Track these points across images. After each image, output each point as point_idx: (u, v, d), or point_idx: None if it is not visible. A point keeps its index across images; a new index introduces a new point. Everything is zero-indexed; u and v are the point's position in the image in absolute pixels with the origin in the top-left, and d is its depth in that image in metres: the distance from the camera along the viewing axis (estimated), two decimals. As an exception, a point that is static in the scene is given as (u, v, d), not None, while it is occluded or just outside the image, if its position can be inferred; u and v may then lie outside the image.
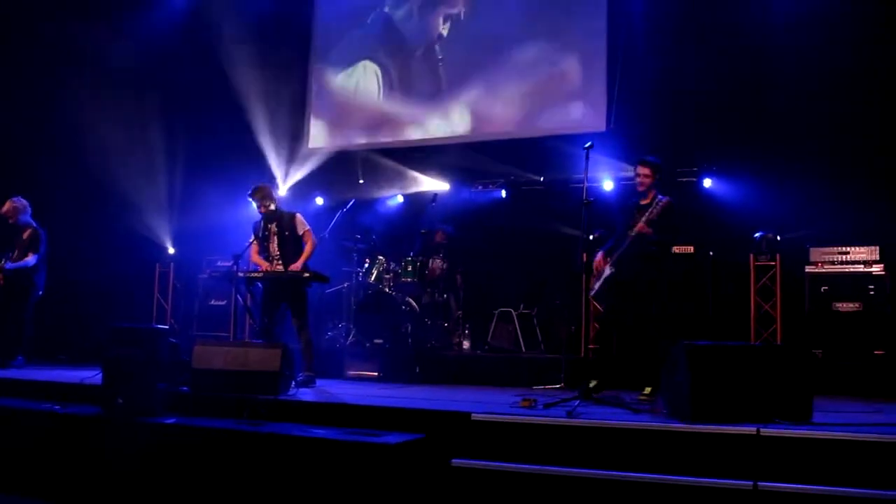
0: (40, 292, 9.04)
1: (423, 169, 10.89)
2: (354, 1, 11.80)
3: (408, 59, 11.32)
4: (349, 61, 11.70)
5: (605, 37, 10.01)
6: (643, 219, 6.55)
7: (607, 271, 6.76)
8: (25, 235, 8.95)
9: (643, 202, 6.81)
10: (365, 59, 11.59)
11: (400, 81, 11.34)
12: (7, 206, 9.01)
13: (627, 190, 9.32)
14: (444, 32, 11.09)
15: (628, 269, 6.65)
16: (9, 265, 8.81)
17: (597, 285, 6.87)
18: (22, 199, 9.08)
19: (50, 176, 11.21)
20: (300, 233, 7.71)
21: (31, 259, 8.85)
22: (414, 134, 11.19)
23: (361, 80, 11.59)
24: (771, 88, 8.89)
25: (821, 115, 8.64)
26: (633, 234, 6.56)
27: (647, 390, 6.44)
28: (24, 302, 8.90)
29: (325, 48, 11.95)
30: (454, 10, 11.06)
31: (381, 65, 11.49)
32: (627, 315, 6.69)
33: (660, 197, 6.74)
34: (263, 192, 7.81)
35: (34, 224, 9.06)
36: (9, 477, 6.14)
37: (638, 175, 6.85)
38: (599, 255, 6.91)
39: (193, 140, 11.46)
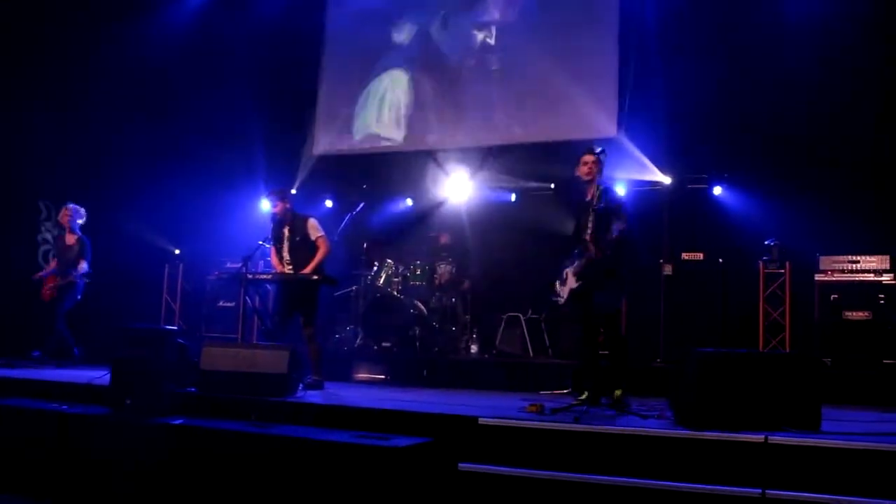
0: (79, 297, 9.34)
1: (433, 173, 10.89)
2: (367, 8, 11.80)
3: (424, 67, 11.35)
4: (370, 69, 11.70)
5: (616, 43, 10.01)
6: (590, 221, 6.25)
7: (573, 284, 6.44)
8: (71, 242, 9.32)
9: (587, 197, 6.49)
10: (391, 68, 11.60)
11: (412, 88, 11.37)
12: (68, 211, 9.40)
13: (639, 196, 9.33)
14: (462, 44, 11.14)
15: (592, 279, 6.28)
16: (79, 274, 9.18)
17: (565, 294, 6.56)
18: (80, 208, 9.50)
19: (59, 177, 11.27)
20: (313, 238, 7.69)
21: (84, 266, 9.25)
22: (423, 140, 11.20)
23: (386, 89, 11.60)
24: (782, 96, 8.86)
25: (831, 124, 8.62)
26: (591, 255, 6.20)
27: (618, 393, 6.15)
28: (63, 302, 9.20)
29: (336, 54, 11.95)
30: (482, 24, 11.11)
31: (406, 74, 11.49)
32: (604, 309, 6.37)
33: (604, 189, 6.42)
34: (276, 194, 7.85)
35: (80, 234, 9.42)
36: (16, 477, 6.15)
37: (586, 163, 6.46)
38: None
39: (202, 142, 11.48)
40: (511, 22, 10.78)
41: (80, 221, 9.46)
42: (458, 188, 10.71)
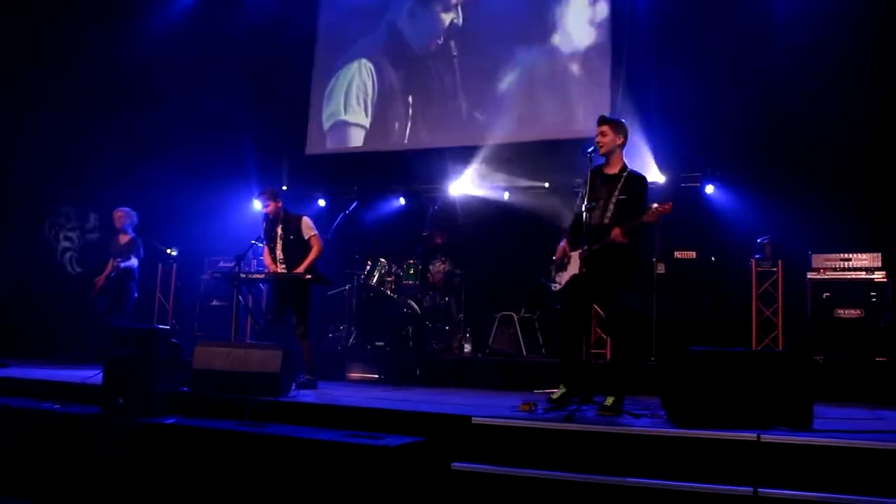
0: (136, 295, 9.84)
1: (426, 172, 10.87)
2: (358, 6, 11.79)
3: (407, 62, 11.39)
4: (348, 63, 11.77)
5: (608, 41, 10.04)
6: (614, 198, 5.80)
7: (575, 269, 5.96)
8: (124, 241, 9.85)
9: (608, 171, 6.01)
10: (363, 58, 11.67)
11: (399, 86, 11.38)
12: (120, 213, 9.92)
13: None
14: (441, 40, 11.16)
15: (599, 267, 5.78)
16: (123, 263, 9.67)
17: (563, 280, 6.17)
18: (132, 211, 10.01)
19: (52, 177, 11.27)
20: (306, 237, 7.70)
21: (133, 261, 9.75)
22: (414, 138, 11.21)
23: (356, 82, 11.63)
24: (774, 95, 8.89)
25: (823, 122, 8.64)
26: (606, 240, 5.75)
27: (610, 400, 5.77)
28: (126, 303, 9.71)
29: (328, 53, 11.95)
30: (449, 18, 11.12)
31: (378, 67, 11.55)
32: (608, 308, 6.04)
33: (630, 171, 5.97)
34: (267, 194, 7.84)
35: (133, 234, 9.92)
36: (8, 477, 6.14)
37: (596, 136, 5.97)
38: (564, 243, 6.24)
39: (194, 140, 11.47)
40: (498, 18, 10.78)
41: (132, 222, 9.96)
42: (452, 187, 10.69)
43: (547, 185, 10.29)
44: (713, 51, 9.23)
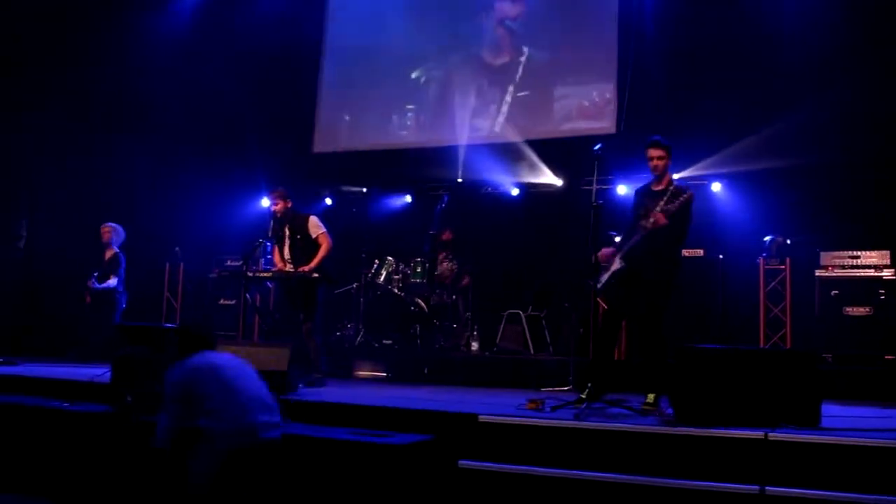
0: (123, 305, 9.87)
1: (434, 170, 10.87)
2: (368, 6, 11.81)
3: (415, 58, 11.36)
4: (357, 58, 11.75)
5: (615, 37, 10.02)
6: (659, 207, 5.97)
7: (616, 265, 6.12)
8: (108, 257, 9.87)
9: (656, 188, 6.24)
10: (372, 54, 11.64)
11: (409, 82, 11.39)
12: (107, 228, 9.95)
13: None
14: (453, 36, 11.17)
15: (639, 263, 6.03)
16: (95, 285, 9.75)
17: (604, 278, 6.25)
18: (119, 227, 10.01)
19: (60, 176, 11.31)
20: (314, 236, 7.68)
21: (112, 281, 9.75)
22: (423, 135, 11.20)
23: (379, 84, 11.62)
24: (782, 92, 8.86)
25: (832, 118, 8.60)
26: (648, 224, 5.96)
27: (650, 397, 5.95)
28: (111, 315, 9.70)
29: (336, 49, 11.94)
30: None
31: (387, 62, 11.53)
32: (637, 308, 6.13)
33: (677, 184, 6.21)
34: (277, 194, 7.84)
35: (117, 249, 9.89)
36: (18, 475, 6.16)
37: (651, 158, 6.22)
38: (609, 249, 6.33)
39: (201, 139, 11.49)
40: (512, 19, 10.78)
41: (118, 238, 9.95)
42: (460, 185, 10.67)
43: (556, 182, 10.27)
44: (721, 49, 9.20)
